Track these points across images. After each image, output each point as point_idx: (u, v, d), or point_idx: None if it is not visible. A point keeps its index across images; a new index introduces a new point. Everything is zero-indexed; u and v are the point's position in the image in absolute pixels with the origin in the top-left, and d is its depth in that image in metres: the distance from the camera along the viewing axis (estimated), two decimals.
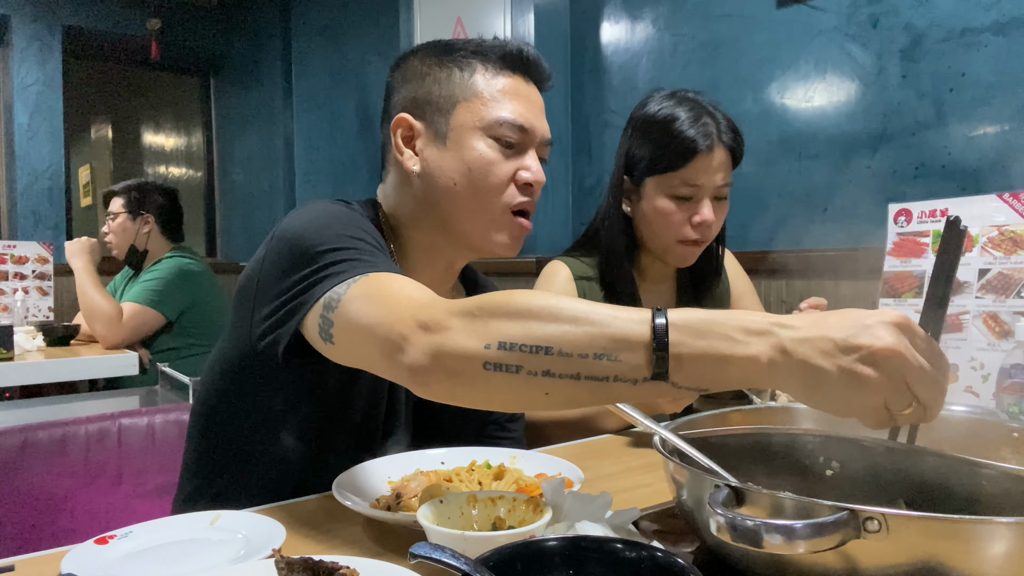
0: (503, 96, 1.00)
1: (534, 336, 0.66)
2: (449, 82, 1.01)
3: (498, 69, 1.01)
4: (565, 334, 0.65)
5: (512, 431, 1.21)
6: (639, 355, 0.62)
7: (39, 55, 4.39)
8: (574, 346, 0.64)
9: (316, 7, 4.30)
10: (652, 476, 0.98)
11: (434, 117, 1.01)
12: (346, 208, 0.98)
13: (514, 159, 1.01)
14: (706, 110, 1.38)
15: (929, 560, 0.50)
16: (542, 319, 0.66)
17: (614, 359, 0.63)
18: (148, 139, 5.53)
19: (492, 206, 1.00)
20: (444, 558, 0.53)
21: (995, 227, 1.33)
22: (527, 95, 1.02)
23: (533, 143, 1.02)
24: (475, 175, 0.99)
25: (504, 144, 1.00)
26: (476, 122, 0.99)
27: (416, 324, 0.69)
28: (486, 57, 1.02)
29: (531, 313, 0.67)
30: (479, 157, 0.99)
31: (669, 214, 1.39)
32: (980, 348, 1.30)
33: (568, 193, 2.86)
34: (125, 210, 2.81)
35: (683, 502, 0.64)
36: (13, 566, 0.68)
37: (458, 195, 1.00)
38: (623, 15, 2.65)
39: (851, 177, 1.99)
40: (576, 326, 0.65)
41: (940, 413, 0.60)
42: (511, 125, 0.99)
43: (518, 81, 1.02)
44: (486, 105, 0.99)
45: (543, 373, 0.66)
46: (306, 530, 0.78)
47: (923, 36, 1.85)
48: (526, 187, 1.01)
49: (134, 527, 0.74)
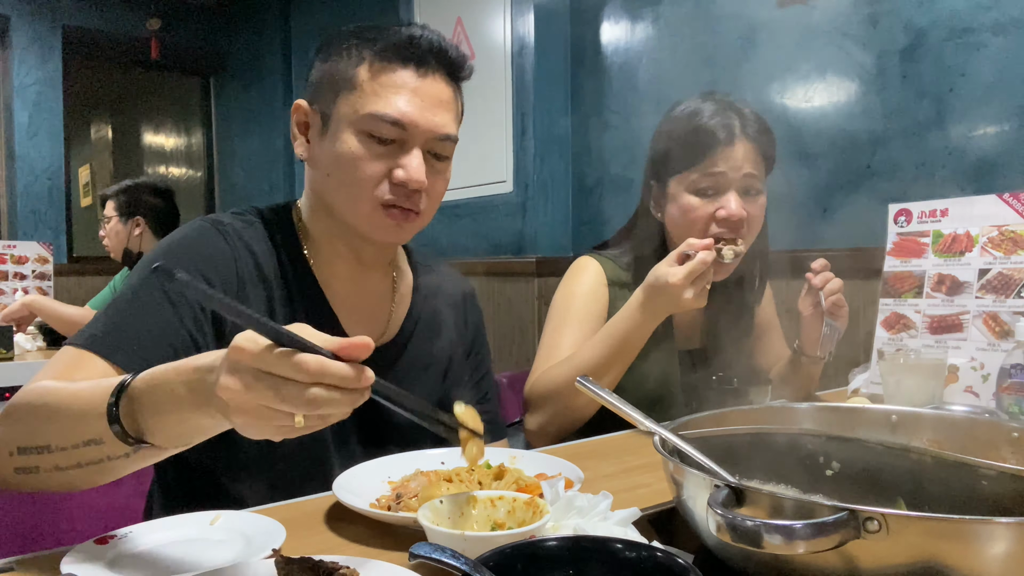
0: (383, 89, 0.96)
1: (36, 436, 0.73)
2: (337, 71, 0.99)
3: (384, 60, 0.97)
4: (60, 428, 0.72)
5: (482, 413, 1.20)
6: (109, 430, 0.68)
7: (39, 55, 4.39)
8: (67, 439, 0.71)
9: (316, 7, 4.30)
10: (652, 476, 0.98)
11: (322, 105, 1.00)
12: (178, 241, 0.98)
13: (391, 155, 0.97)
14: (732, 106, 1.33)
15: (929, 560, 0.50)
16: (40, 418, 0.73)
17: (99, 441, 0.70)
18: (148, 139, 5.53)
19: (360, 200, 0.98)
20: (444, 558, 0.53)
21: (995, 227, 1.33)
22: (415, 88, 0.97)
23: (416, 140, 0.97)
24: (343, 169, 0.97)
25: (377, 140, 0.96)
26: (351, 115, 0.96)
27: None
28: (374, 46, 0.98)
29: (34, 412, 0.73)
30: (347, 151, 0.96)
31: (692, 210, 1.31)
32: (980, 348, 1.30)
33: (568, 193, 2.86)
34: (116, 214, 2.85)
35: (683, 502, 0.64)
36: (13, 566, 0.68)
37: (332, 186, 1.00)
38: (623, 15, 2.65)
39: (851, 177, 1.99)
40: (68, 418, 0.71)
41: (939, 412, 0.61)
42: (385, 120, 0.95)
43: (405, 73, 0.97)
44: (363, 98, 0.96)
45: (54, 468, 0.73)
46: (306, 530, 0.78)
47: (923, 36, 1.85)
48: (401, 185, 0.97)
49: (134, 527, 0.74)
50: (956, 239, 1.38)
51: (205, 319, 0.92)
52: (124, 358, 0.84)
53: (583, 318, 1.37)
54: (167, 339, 0.87)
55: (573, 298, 1.40)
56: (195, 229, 0.99)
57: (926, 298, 1.39)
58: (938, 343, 1.35)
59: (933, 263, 1.40)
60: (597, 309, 1.39)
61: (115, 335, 0.86)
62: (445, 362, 1.17)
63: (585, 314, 1.38)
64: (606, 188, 2.74)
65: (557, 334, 1.37)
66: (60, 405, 0.73)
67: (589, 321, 1.37)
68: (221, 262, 0.96)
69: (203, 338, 0.92)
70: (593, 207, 2.79)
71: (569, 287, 1.42)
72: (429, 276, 1.20)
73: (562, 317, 1.39)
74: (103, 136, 5.34)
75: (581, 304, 1.38)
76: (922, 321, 1.39)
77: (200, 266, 0.94)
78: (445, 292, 1.20)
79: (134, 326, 0.87)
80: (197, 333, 0.91)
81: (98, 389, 0.72)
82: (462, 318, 1.21)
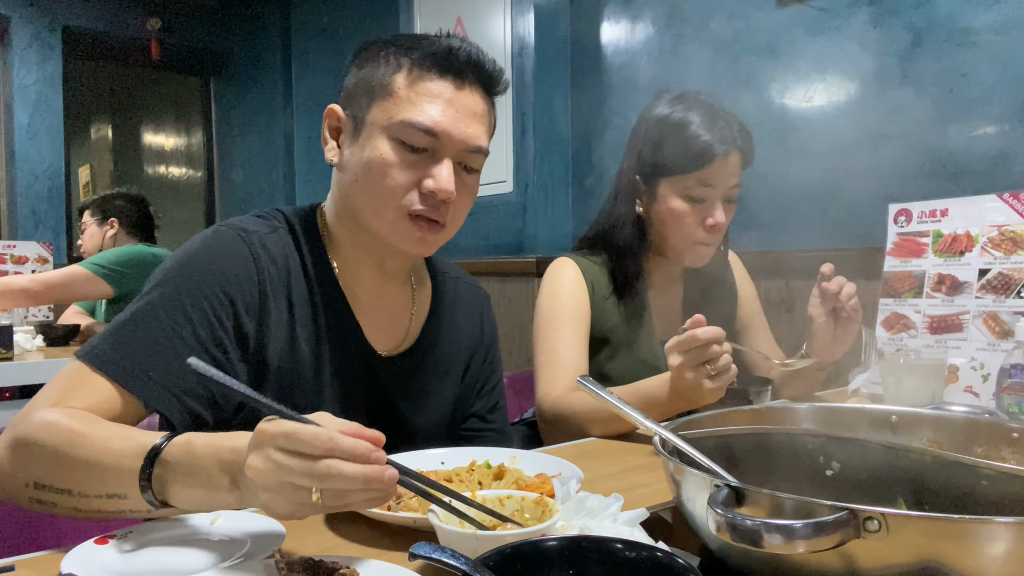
0: (418, 97, 0.95)
1: (57, 478, 0.75)
2: (374, 77, 0.98)
3: (422, 69, 0.97)
4: (85, 478, 0.74)
5: (493, 422, 1.22)
6: (136, 489, 0.71)
7: (39, 55, 4.39)
8: (91, 489, 0.74)
9: (316, 7, 4.30)
10: (652, 476, 0.98)
11: (356, 111, 0.99)
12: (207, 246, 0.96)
13: (421, 164, 0.96)
14: (718, 113, 1.39)
15: (929, 560, 0.50)
16: (64, 466, 0.75)
17: (123, 496, 0.72)
18: (148, 139, 5.53)
19: (387, 208, 0.97)
20: (444, 558, 0.53)
21: (995, 227, 1.33)
22: (450, 99, 0.96)
23: (448, 150, 0.97)
24: (373, 175, 0.96)
25: (409, 148, 0.95)
26: (384, 121, 0.96)
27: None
28: (412, 55, 0.97)
29: (56, 456, 0.75)
30: (378, 157, 0.95)
31: (683, 215, 1.39)
32: (980, 348, 1.30)
33: (568, 193, 2.86)
34: (93, 219, 3.05)
35: (683, 502, 0.64)
36: (13, 566, 0.68)
37: (359, 192, 0.98)
38: (623, 15, 2.65)
39: (851, 177, 1.99)
40: (95, 471, 0.73)
41: (939, 412, 0.61)
42: (418, 128, 0.94)
43: (443, 84, 0.97)
44: (397, 105, 0.96)
45: (72, 509, 0.76)
46: (306, 530, 0.78)
47: (923, 36, 1.85)
48: (430, 195, 0.96)
49: (134, 527, 0.74)
50: (956, 239, 1.38)
51: (226, 334, 0.91)
52: (138, 387, 0.84)
53: (573, 318, 1.41)
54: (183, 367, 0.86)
55: (558, 300, 1.43)
56: (217, 237, 0.97)
57: (926, 298, 1.39)
58: (938, 343, 1.35)
59: (933, 263, 1.40)
60: (583, 307, 1.43)
61: (129, 360, 0.85)
62: (462, 369, 1.18)
63: (573, 314, 1.42)
64: (606, 188, 2.72)
65: (554, 339, 1.39)
66: (88, 459, 0.73)
67: (579, 320, 1.42)
68: (244, 274, 0.94)
69: (223, 355, 0.91)
70: (593, 207, 2.79)
71: (551, 290, 1.45)
72: (448, 284, 1.19)
73: (553, 321, 1.41)
74: (103, 136, 5.34)
75: (567, 305, 1.42)
76: (922, 321, 1.39)
77: (220, 279, 0.92)
78: (463, 300, 1.20)
79: (149, 350, 0.86)
80: (217, 351, 0.90)
81: (128, 446, 0.73)
82: (479, 327, 1.22)
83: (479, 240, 2.94)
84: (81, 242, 3.10)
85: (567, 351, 1.37)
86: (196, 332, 0.89)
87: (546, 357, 1.39)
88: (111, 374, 0.83)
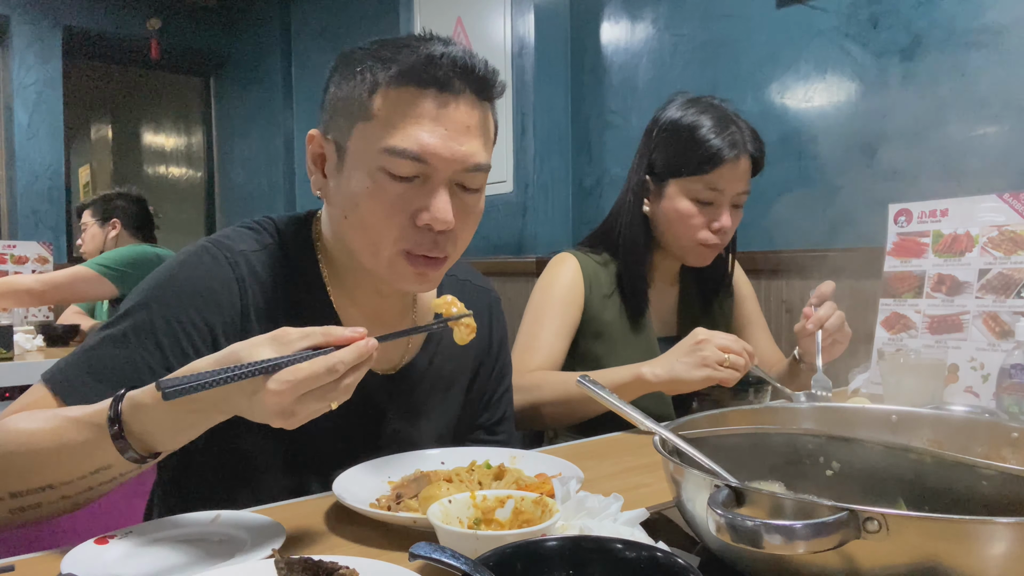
0: (400, 119, 0.83)
1: (31, 479, 0.73)
2: (351, 97, 0.86)
3: (400, 85, 0.84)
4: (61, 467, 0.73)
5: (499, 434, 1.19)
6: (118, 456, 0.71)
7: (39, 55, 4.39)
8: (72, 473, 0.73)
9: (316, 7, 4.30)
10: (652, 476, 0.98)
11: (337, 136, 0.88)
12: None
13: (413, 195, 0.85)
14: (731, 118, 1.40)
15: (929, 560, 0.50)
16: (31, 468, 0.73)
17: (107, 466, 0.72)
18: (148, 139, 5.53)
19: (380, 248, 0.87)
20: (444, 558, 0.53)
21: (995, 227, 1.33)
22: (436, 116, 0.83)
23: (441, 174, 0.85)
24: (361, 213, 0.86)
25: (397, 178, 0.84)
26: (365, 149, 0.85)
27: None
28: (390, 69, 0.84)
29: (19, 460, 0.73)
30: (364, 191, 0.85)
31: (690, 217, 1.41)
32: (980, 348, 1.30)
33: (568, 193, 2.86)
34: (94, 219, 3.06)
35: (683, 502, 0.64)
36: (13, 566, 0.68)
37: (348, 229, 0.89)
38: (623, 15, 2.65)
39: (851, 177, 1.98)
40: (68, 457, 0.72)
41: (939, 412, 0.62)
42: (403, 156, 0.82)
43: (426, 99, 0.83)
44: (377, 129, 0.84)
45: (60, 499, 0.75)
46: (306, 530, 0.78)
47: (923, 36, 1.85)
48: (426, 228, 0.86)
49: (134, 527, 0.74)
50: (956, 239, 1.38)
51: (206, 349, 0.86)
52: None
53: (560, 311, 1.44)
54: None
55: (550, 291, 1.46)
56: (199, 257, 0.90)
57: (926, 298, 1.39)
58: (938, 343, 1.35)
59: (933, 263, 1.40)
60: (573, 301, 1.46)
61: (94, 391, 0.80)
62: (468, 380, 1.12)
63: (561, 307, 1.44)
64: (606, 188, 2.74)
65: (536, 325, 1.44)
66: (52, 447, 0.73)
67: (566, 312, 1.44)
68: (225, 298, 0.89)
69: None
70: (593, 207, 2.79)
71: (547, 280, 1.49)
72: (453, 289, 1.10)
73: (540, 310, 1.46)
74: (103, 136, 5.34)
75: (558, 297, 1.45)
76: (922, 321, 1.39)
77: (199, 303, 0.87)
78: (470, 306, 1.12)
79: (114, 378, 0.82)
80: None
81: (83, 417, 0.73)
82: (487, 332, 1.15)
83: (479, 240, 2.93)
84: (81, 242, 3.11)
85: (545, 338, 1.41)
86: (166, 359, 0.84)
87: (523, 339, 1.43)
88: (71, 402, 0.80)
